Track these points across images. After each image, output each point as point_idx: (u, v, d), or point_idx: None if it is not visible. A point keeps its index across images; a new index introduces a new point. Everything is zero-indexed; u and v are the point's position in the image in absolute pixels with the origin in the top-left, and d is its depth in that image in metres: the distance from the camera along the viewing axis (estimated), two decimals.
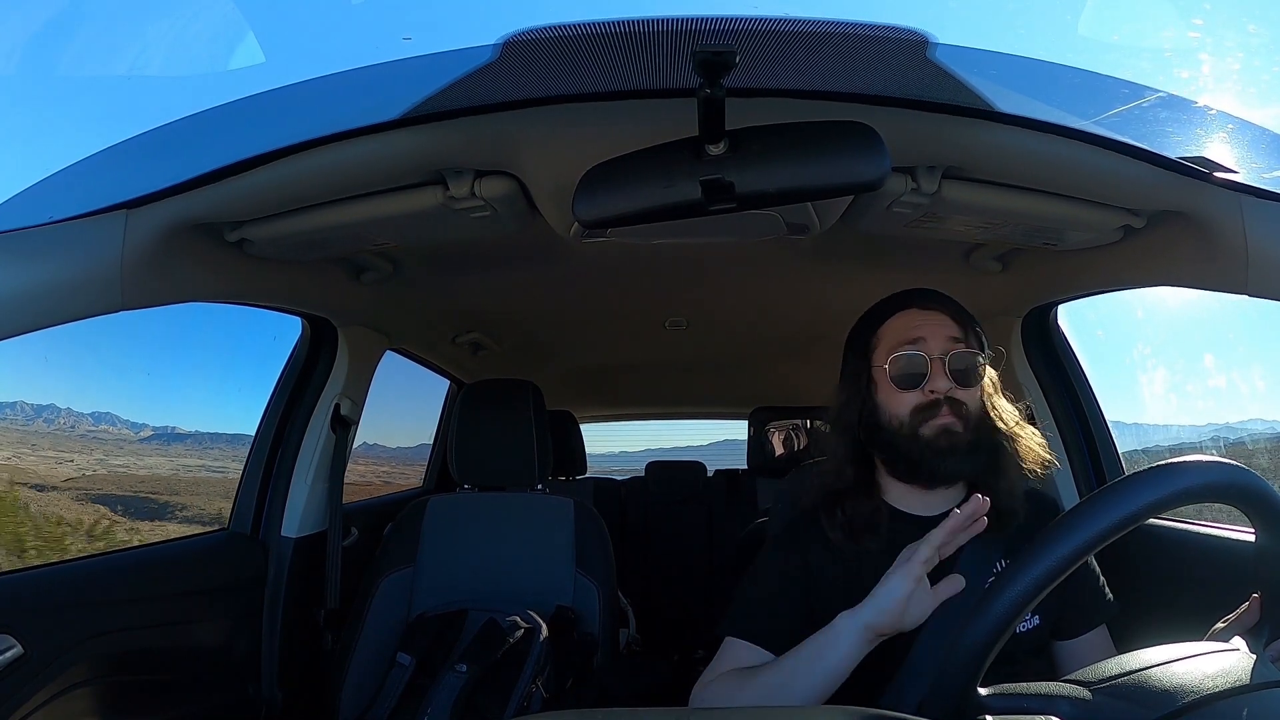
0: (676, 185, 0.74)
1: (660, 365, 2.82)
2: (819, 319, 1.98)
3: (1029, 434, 0.94)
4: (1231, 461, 0.57)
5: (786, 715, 0.70)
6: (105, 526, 1.66)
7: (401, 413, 2.56)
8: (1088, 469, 1.46)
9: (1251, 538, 0.62)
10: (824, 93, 0.83)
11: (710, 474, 3.29)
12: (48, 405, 1.59)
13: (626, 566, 1.70)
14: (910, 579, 0.78)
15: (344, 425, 1.64)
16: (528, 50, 0.76)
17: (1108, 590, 0.97)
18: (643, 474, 3.32)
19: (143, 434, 1.83)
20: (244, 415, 1.67)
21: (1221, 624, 0.69)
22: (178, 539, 1.51)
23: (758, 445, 2.72)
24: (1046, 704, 0.55)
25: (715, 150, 0.72)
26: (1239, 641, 0.63)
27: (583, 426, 3.04)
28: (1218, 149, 0.85)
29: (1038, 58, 0.82)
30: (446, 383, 2.59)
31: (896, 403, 0.92)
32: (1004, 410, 0.94)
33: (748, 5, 0.76)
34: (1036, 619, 0.91)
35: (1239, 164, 0.85)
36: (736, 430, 3.59)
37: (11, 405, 1.51)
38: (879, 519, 0.94)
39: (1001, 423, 0.92)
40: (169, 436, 1.90)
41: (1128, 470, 1.46)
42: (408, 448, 2.76)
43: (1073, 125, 0.86)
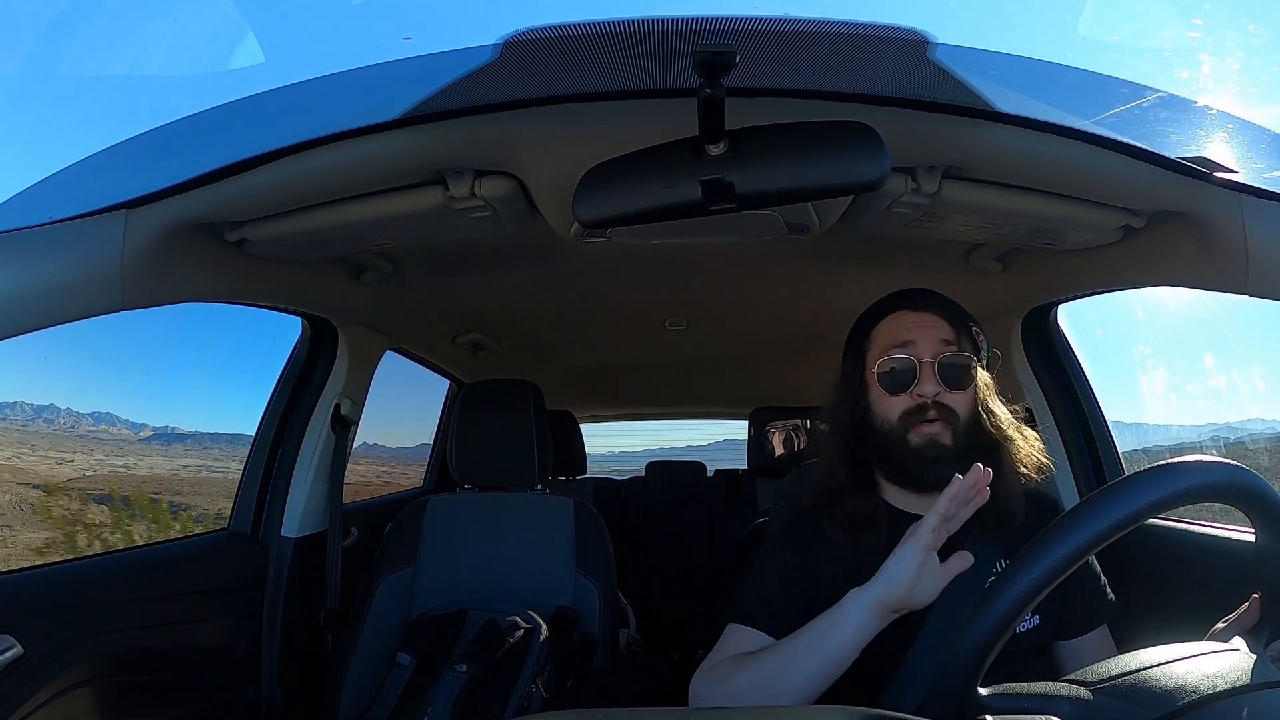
0: (676, 185, 0.74)
1: (660, 365, 2.82)
2: (819, 319, 1.98)
3: (1025, 438, 0.93)
4: (1231, 461, 0.57)
5: (786, 715, 0.70)
6: (106, 527, 1.66)
7: (401, 413, 2.56)
8: (1088, 469, 1.46)
9: (1251, 538, 0.62)
10: (824, 93, 0.83)
11: (710, 474, 3.29)
12: (48, 405, 1.59)
13: (626, 566, 1.71)
14: (920, 550, 0.77)
15: (344, 425, 1.64)
16: (528, 50, 0.76)
17: (1109, 590, 0.97)
18: (643, 474, 3.32)
19: (143, 434, 1.83)
20: (244, 415, 1.67)
21: (1221, 624, 0.69)
22: (178, 539, 1.51)
23: (758, 445, 2.72)
24: (1047, 704, 0.55)
25: (715, 150, 0.72)
26: (1239, 641, 0.63)
27: (583, 426, 3.04)
28: (1218, 149, 0.85)
29: (1038, 58, 0.83)
30: (446, 383, 2.59)
31: (886, 406, 0.93)
32: (999, 414, 0.93)
33: (748, 5, 0.76)
34: (1037, 619, 0.91)
35: (1239, 164, 0.85)
36: (736, 430, 3.59)
37: (11, 405, 1.51)
38: (878, 518, 0.94)
39: (994, 427, 0.91)
40: (169, 436, 1.90)
41: (1128, 470, 1.46)
42: (408, 448, 2.76)
43: (1073, 125, 0.86)
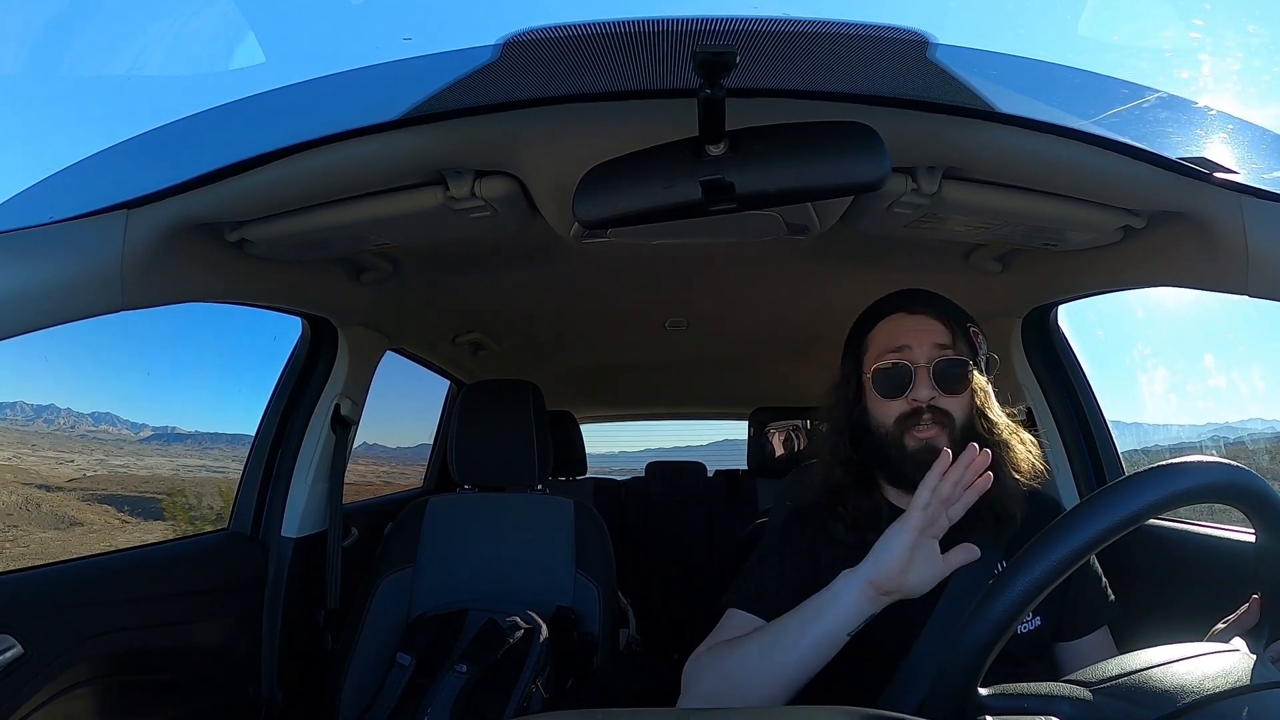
0: (676, 185, 0.74)
1: (660, 365, 2.82)
2: (819, 319, 1.98)
3: (1022, 442, 0.93)
4: (1231, 462, 0.57)
5: (787, 715, 0.70)
6: (108, 527, 1.66)
7: (401, 413, 2.56)
8: (1088, 469, 1.46)
9: (1251, 538, 0.62)
10: (824, 93, 0.83)
11: (710, 474, 3.29)
12: (48, 405, 1.59)
13: (626, 566, 1.71)
14: (909, 529, 0.76)
15: (344, 425, 1.64)
16: (528, 50, 0.77)
17: (1110, 591, 0.96)
18: (643, 474, 3.32)
19: (143, 434, 1.83)
20: (244, 415, 1.67)
21: (1222, 625, 0.69)
22: (178, 539, 1.51)
23: (758, 445, 2.72)
24: (1047, 704, 0.55)
25: (715, 150, 0.73)
26: (1239, 642, 0.63)
27: (583, 427, 3.04)
28: (1218, 149, 0.85)
29: (1038, 58, 0.82)
30: (446, 383, 2.59)
31: (882, 410, 0.93)
32: (995, 418, 0.92)
33: (748, 5, 0.76)
34: (1038, 620, 0.91)
35: (1239, 164, 0.85)
36: (736, 430, 3.59)
37: (11, 405, 1.51)
38: (880, 516, 0.94)
39: (990, 432, 0.91)
40: (169, 436, 1.90)
41: (1128, 470, 1.46)
42: (408, 448, 2.76)
43: (1073, 125, 0.86)
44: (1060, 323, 1.52)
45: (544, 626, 1.38)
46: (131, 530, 1.73)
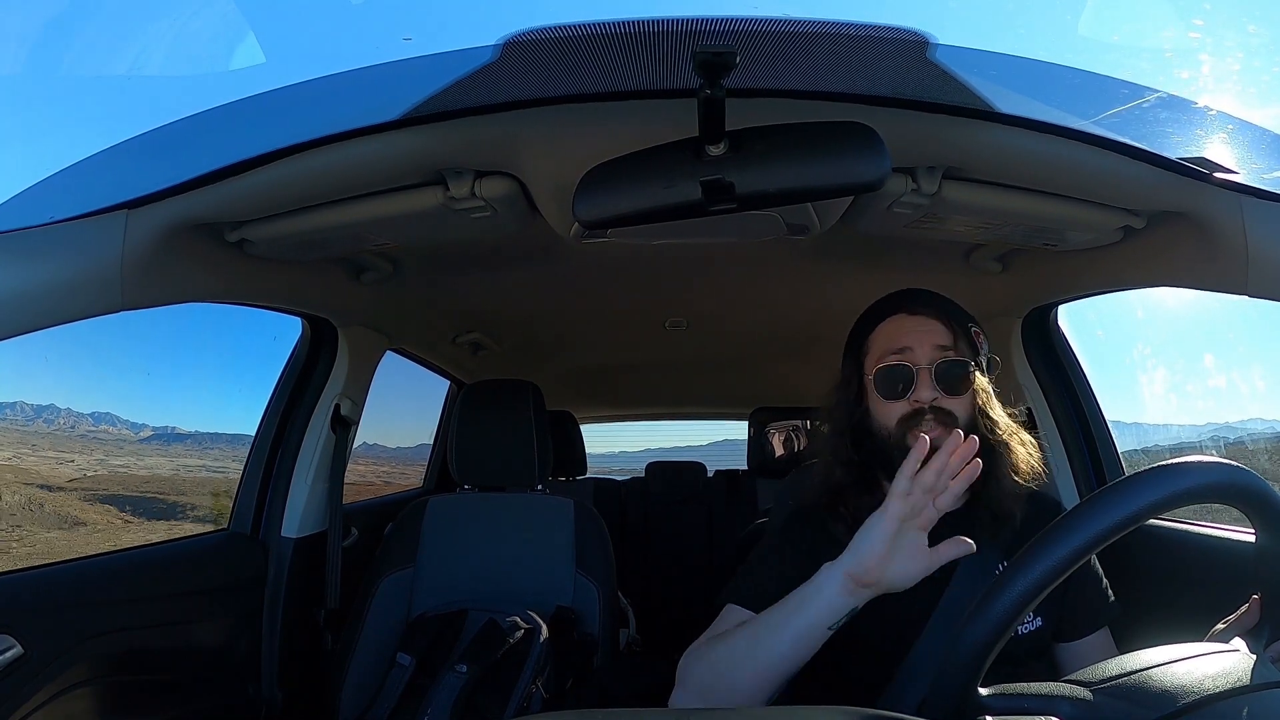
0: (677, 186, 0.74)
1: (660, 365, 2.82)
2: (819, 319, 1.98)
3: (1023, 443, 0.93)
4: (1231, 462, 0.57)
5: (787, 715, 0.70)
6: (111, 526, 1.66)
7: (401, 413, 2.56)
8: (1088, 469, 1.46)
9: (1251, 538, 0.62)
10: (824, 93, 0.83)
11: (710, 474, 3.29)
12: (48, 405, 1.59)
13: (626, 566, 1.71)
14: (888, 518, 0.73)
15: (344, 425, 1.64)
16: (528, 51, 0.76)
17: (1110, 592, 0.97)
18: (643, 474, 3.32)
19: (143, 434, 1.83)
20: (244, 415, 1.67)
21: (1222, 625, 0.69)
22: (178, 539, 1.51)
23: (758, 446, 2.72)
24: (1047, 704, 0.55)
25: (715, 151, 0.73)
26: (1239, 642, 0.63)
27: (583, 427, 3.04)
28: (1218, 149, 0.85)
29: (1038, 58, 0.82)
30: (446, 383, 2.59)
31: (884, 411, 0.93)
32: (997, 419, 0.92)
33: (748, 5, 0.76)
34: (1038, 621, 0.91)
35: (1239, 164, 0.85)
36: (736, 430, 3.60)
37: (11, 405, 1.51)
38: None
39: (992, 432, 0.91)
40: (169, 436, 1.90)
41: (1128, 470, 1.46)
42: (408, 448, 2.76)
43: (1073, 125, 0.86)
44: (1060, 323, 1.52)
45: (544, 626, 1.38)
46: (135, 530, 1.73)
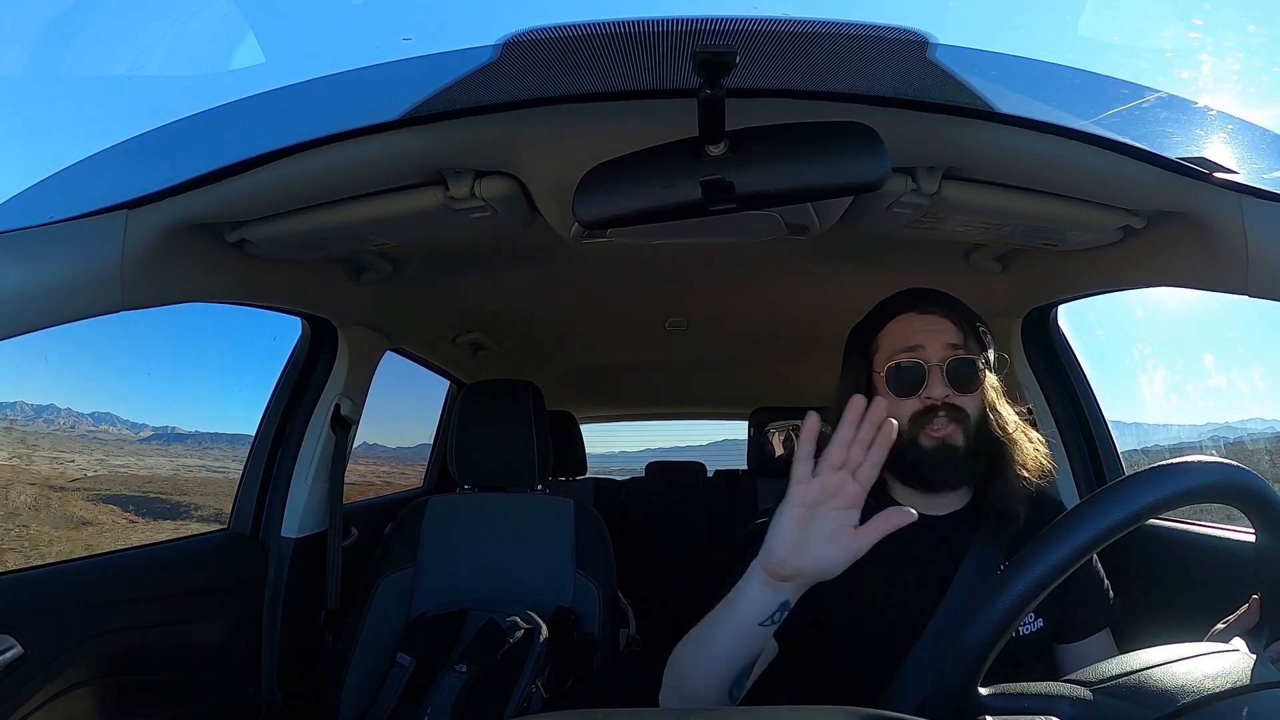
0: (676, 186, 0.74)
1: (660, 365, 2.82)
2: (819, 319, 1.98)
3: (1030, 440, 0.93)
4: (1231, 462, 0.57)
5: (787, 715, 0.70)
6: (116, 526, 1.66)
7: (401, 413, 2.56)
8: (1088, 469, 1.46)
9: (1251, 538, 0.62)
10: (824, 93, 0.83)
11: (710, 474, 3.29)
12: (48, 405, 1.59)
13: (626, 566, 1.71)
14: (789, 504, 0.68)
15: (344, 425, 1.64)
16: (528, 51, 0.76)
17: (1111, 593, 0.97)
18: (643, 474, 3.32)
19: (143, 434, 1.83)
20: (244, 415, 1.67)
21: (1222, 625, 0.69)
22: (178, 539, 1.51)
23: (758, 445, 2.72)
24: (1047, 704, 0.55)
25: (715, 151, 0.72)
26: (1239, 642, 0.63)
27: (583, 426, 3.04)
28: (1218, 149, 0.85)
29: (1038, 58, 0.82)
30: (446, 383, 2.59)
31: (895, 409, 0.91)
32: (1005, 416, 0.93)
33: (748, 5, 0.77)
34: (1039, 621, 0.90)
35: (1239, 164, 0.85)
36: (736, 430, 3.60)
37: (11, 405, 1.51)
38: None
39: (1001, 429, 0.91)
40: (169, 436, 1.90)
41: (1128, 470, 1.46)
42: (408, 448, 2.76)
43: (1073, 125, 0.86)
44: (1060, 323, 1.52)
45: (544, 626, 1.38)
46: (141, 530, 1.73)
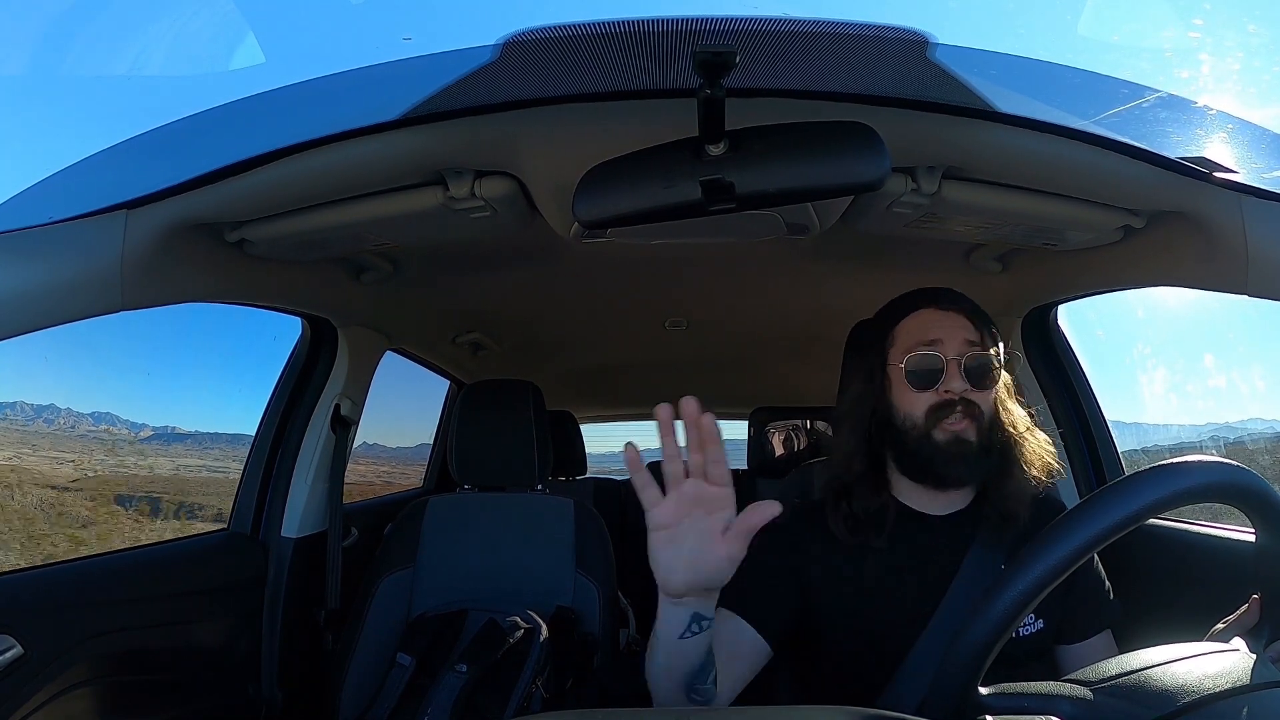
0: (676, 185, 0.74)
1: (660, 365, 2.82)
2: (819, 319, 1.98)
3: (1038, 440, 0.93)
4: (1232, 461, 0.57)
5: (787, 715, 0.70)
6: (121, 526, 1.66)
7: (401, 413, 2.56)
8: (1088, 469, 1.46)
9: (1251, 538, 0.62)
10: (824, 93, 0.83)
11: None
12: (48, 405, 1.59)
13: (626, 566, 1.70)
14: (651, 530, 0.69)
15: (344, 425, 1.64)
16: (528, 51, 0.76)
17: (1111, 594, 0.97)
18: None
19: (143, 434, 1.83)
20: (244, 415, 1.67)
21: (1221, 625, 0.69)
22: (178, 539, 1.51)
23: (758, 445, 2.72)
24: (1047, 703, 0.55)
25: (715, 150, 0.72)
26: (1239, 642, 0.63)
27: (583, 426, 3.03)
28: (1218, 149, 0.85)
29: (1038, 58, 0.82)
30: (446, 383, 2.59)
31: (911, 402, 0.92)
32: (1015, 415, 0.94)
33: (748, 5, 0.76)
34: (1040, 622, 0.90)
35: (1239, 164, 0.85)
36: (737, 430, 3.59)
37: (11, 405, 1.51)
38: (886, 515, 0.94)
39: (1012, 427, 0.92)
40: (169, 436, 1.90)
41: (1128, 470, 1.46)
42: (408, 448, 2.76)
43: (1073, 125, 0.86)
44: (1060, 323, 1.52)
45: (544, 626, 1.38)
46: (147, 529, 1.73)
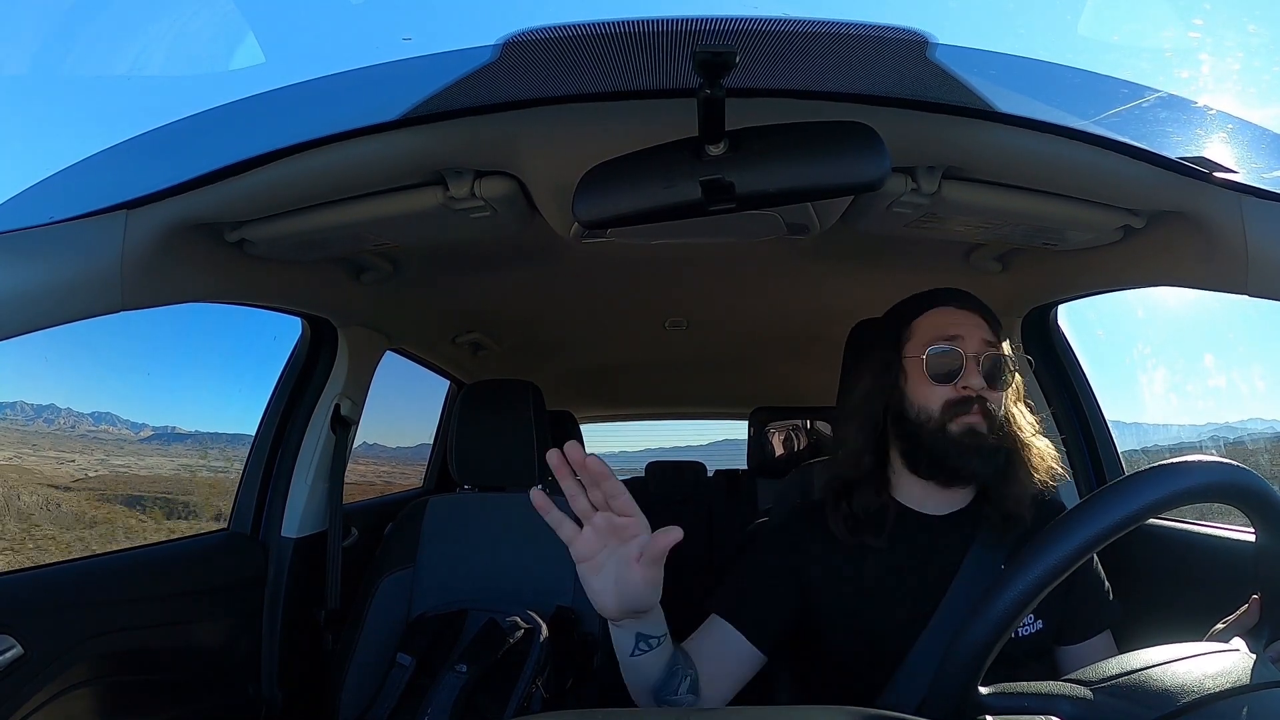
0: (676, 185, 0.74)
1: (660, 365, 2.82)
2: (819, 319, 1.98)
3: (1044, 445, 0.94)
4: (1232, 461, 0.57)
5: (787, 715, 0.70)
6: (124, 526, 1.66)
7: (402, 413, 2.56)
8: (1088, 469, 1.46)
9: (1251, 538, 0.62)
10: (824, 93, 0.83)
11: (710, 474, 3.28)
12: (48, 405, 1.59)
13: None
14: (576, 564, 0.72)
15: (344, 425, 1.64)
16: (528, 51, 0.76)
17: (1111, 595, 0.97)
18: (643, 474, 3.32)
19: (143, 434, 1.83)
20: (244, 415, 1.67)
21: (1221, 625, 0.69)
22: (178, 539, 1.51)
23: (758, 445, 2.72)
24: (1047, 703, 0.55)
25: (715, 150, 0.72)
26: (1239, 642, 0.63)
27: (583, 427, 3.04)
28: (1218, 149, 0.85)
29: (1038, 58, 0.82)
30: (446, 383, 2.59)
31: (927, 395, 0.92)
32: (1024, 418, 0.94)
33: (748, 5, 0.76)
34: (1040, 623, 0.90)
35: (1239, 164, 0.84)
36: (736, 430, 3.60)
37: (11, 405, 1.51)
38: (885, 515, 0.94)
39: (1019, 430, 0.92)
40: (169, 436, 1.90)
41: (1128, 470, 1.46)
42: (408, 448, 2.76)
43: (1073, 125, 0.86)
44: (1060, 323, 1.52)
45: (544, 626, 1.38)
46: (152, 529, 1.73)
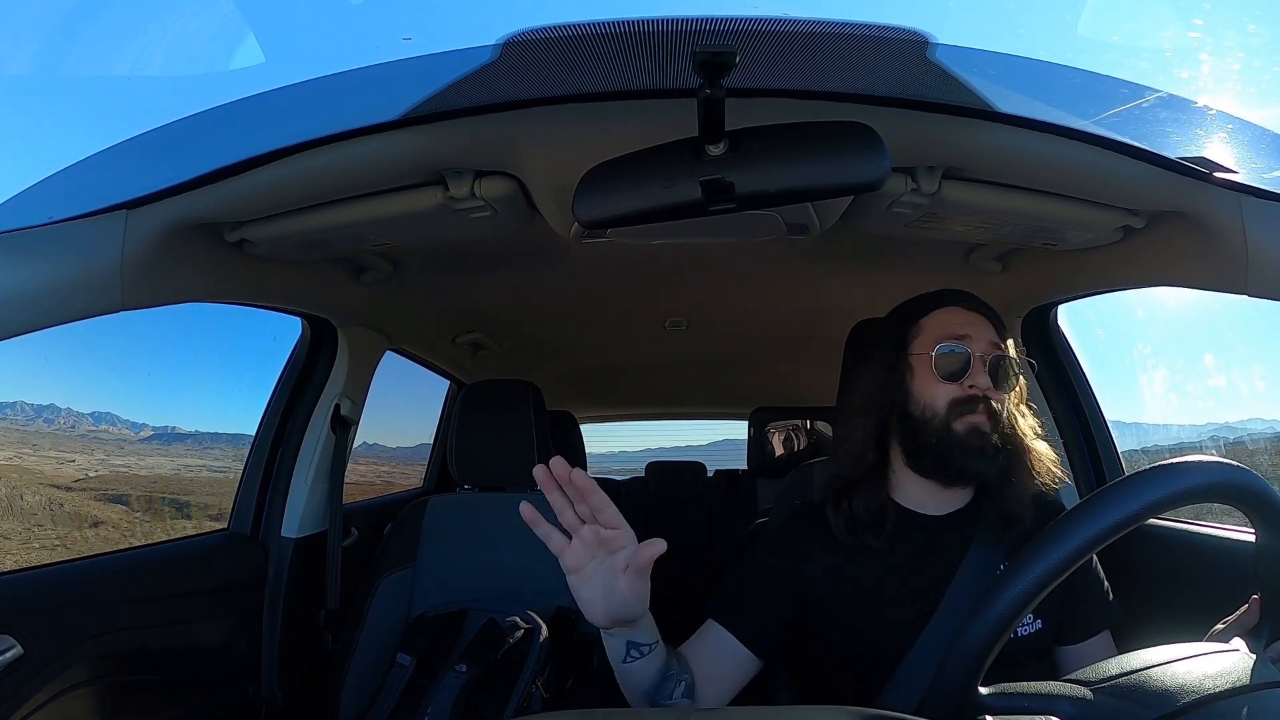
0: (676, 185, 0.74)
1: (660, 365, 2.82)
2: (819, 319, 1.98)
3: (1044, 449, 0.94)
4: (1232, 462, 0.57)
5: (787, 715, 0.70)
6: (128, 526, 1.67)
7: (402, 413, 2.56)
8: (1088, 469, 1.46)
9: (1251, 538, 0.62)
10: (824, 93, 0.83)
11: (710, 474, 3.28)
12: (48, 405, 1.59)
13: None
14: (566, 574, 0.68)
15: (344, 425, 1.64)
16: (528, 50, 0.76)
17: (1111, 595, 0.97)
18: (643, 474, 3.32)
19: (143, 434, 1.83)
20: (244, 415, 1.67)
21: (1221, 625, 0.69)
22: (178, 539, 1.51)
23: (758, 445, 2.72)
24: (1047, 703, 0.55)
25: (715, 150, 0.72)
26: (1239, 642, 0.63)
27: (583, 426, 3.04)
28: (1218, 149, 0.85)
29: (1038, 58, 0.82)
30: (446, 383, 2.59)
31: (934, 393, 0.92)
32: (1026, 421, 0.94)
33: (748, 5, 0.76)
34: (1039, 623, 0.90)
35: (1239, 164, 0.84)
36: (736, 430, 3.60)
37: (11, 405, 1.51)
38: (885, 515, 0.94)
39: (1022, 433, 0.92)
40: (169, 436, 1.90)
41: (1128, 470, 1.46)
42: (408, 448, 2.76)
43: (1073, 125, 0.86)
44: (1060, 323, 1.52)
45: (544, 626, 1.38)
46: (154, 529, 1.73)
